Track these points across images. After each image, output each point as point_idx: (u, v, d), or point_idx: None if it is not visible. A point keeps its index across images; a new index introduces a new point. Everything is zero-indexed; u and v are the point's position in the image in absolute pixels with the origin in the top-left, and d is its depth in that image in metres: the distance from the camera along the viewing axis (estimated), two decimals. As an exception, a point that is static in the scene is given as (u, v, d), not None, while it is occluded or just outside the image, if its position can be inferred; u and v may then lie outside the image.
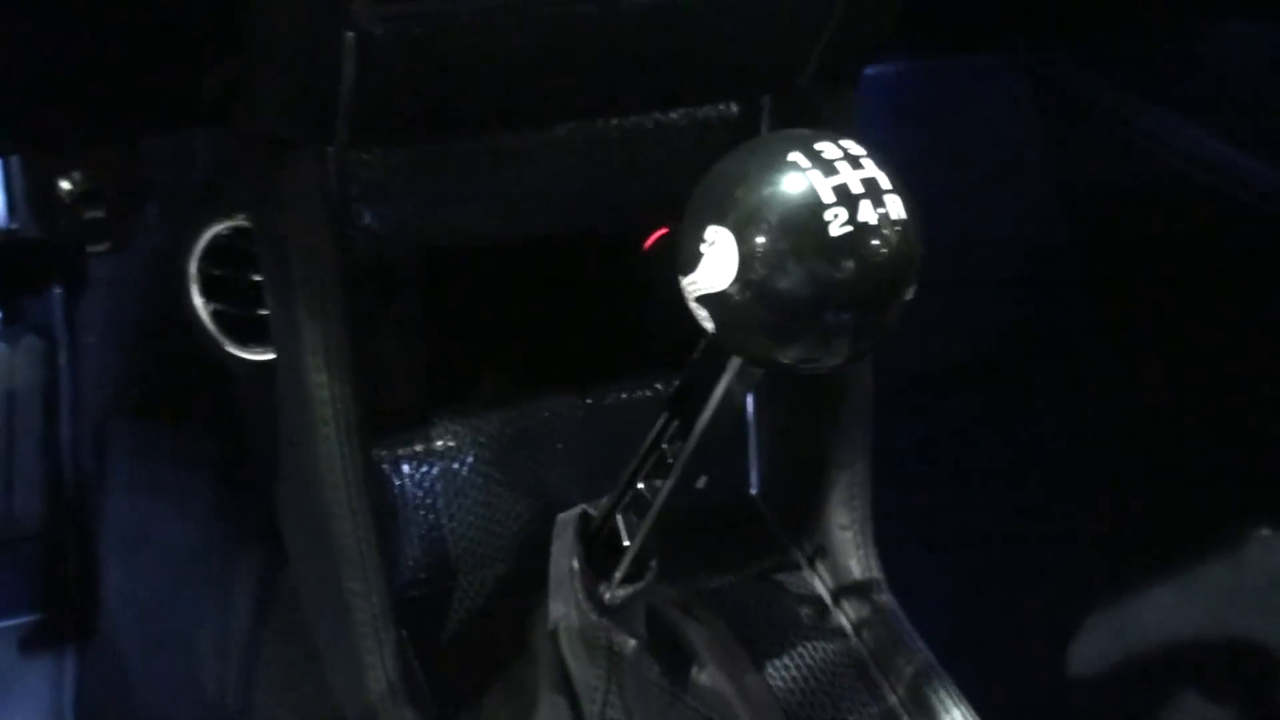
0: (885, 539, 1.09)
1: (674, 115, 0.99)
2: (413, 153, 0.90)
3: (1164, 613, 1.45)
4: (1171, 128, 1.67)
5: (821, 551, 1.09)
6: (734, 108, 1.02)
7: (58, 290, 1.35)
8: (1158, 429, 1.63)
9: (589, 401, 1.08)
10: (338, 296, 0.87)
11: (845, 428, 1.07)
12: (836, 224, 0.58)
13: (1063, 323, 1.77)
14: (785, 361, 0.62)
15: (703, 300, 0.62)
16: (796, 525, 1.11)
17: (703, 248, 0.60)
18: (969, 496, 1.54)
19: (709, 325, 0.62)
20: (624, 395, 1.08)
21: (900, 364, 1.11)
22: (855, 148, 0.61)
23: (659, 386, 1.09)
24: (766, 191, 0.59)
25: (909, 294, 0.62)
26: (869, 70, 1.06)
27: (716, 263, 0.60)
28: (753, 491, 1.15)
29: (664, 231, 1.07)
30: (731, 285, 0.60)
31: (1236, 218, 1.60)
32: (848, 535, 1.07)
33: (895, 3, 0.96)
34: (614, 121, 0.97)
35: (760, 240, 0.59)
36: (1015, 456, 1.63)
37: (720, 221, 0.60)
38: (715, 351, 0.68)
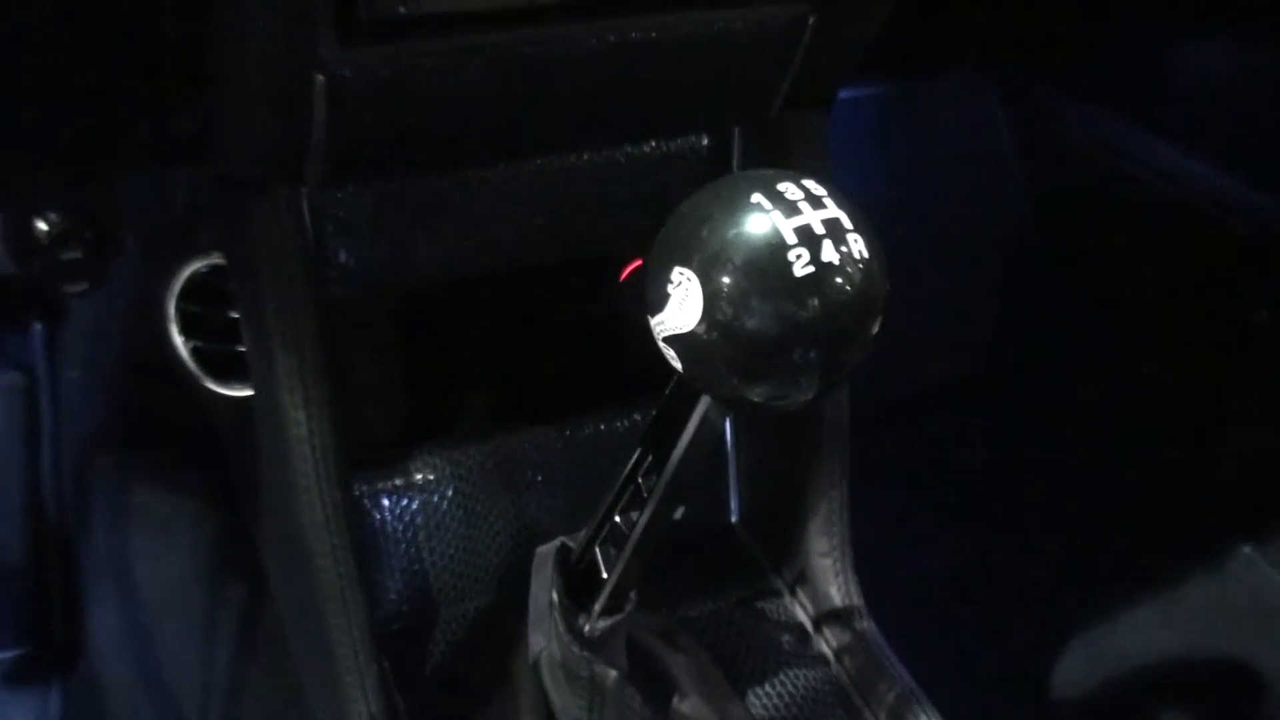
0: (865, 564, 1.09)
1: (645, 148, 1.00)
2: (386, 190, 0.91)
3: (1146, 634, 1.45)
4: (1143, 144, 1.68)
5: (802, 578, 1.10)
6: (705, 140, 1.03)
7: (38, 326, 1.35)
8: (1138, 447, 1.64)
9: (567, 433, 1.08)
10: (313, 334, 0.87)
11: (822, 455, 1.07)
12: (799, 264, 0.58)
13: (1040, 340, 1.78)
14: (754, 400, 0.63)
15: (670, 340, 0.62)
16: (776, 552, 1.12)
17: (669, 289, 0.61)
18: (948, 519, 1.55)
19: (677, 364, 0.63)
20: (602, 426, 1.09)
21: (879, 385, 1.11)
22: (817, 188, 0.61)
23: (636, 417, 1.10)
24: (730, 233, 0.60)
25: (875, 328, 0.63)
26: (843, 94, 1.07)
27: (683, 304, 0.61)
28: (732, 519, 1.16)
29: (639, 263, 1.08)
30: (698, 325, 0.60)
31: (1210, 233, 1.61)
32: (827, 562, 1.08)
33: (863, 33, 0.97)
34: (585, 155, 0.98)
35: (725, 281, 0.59)
36: (994, 478, 1.63)
37: (685, 263, 0.61)
38: (685, 390, 0.69)
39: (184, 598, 1.20)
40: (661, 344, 0.63)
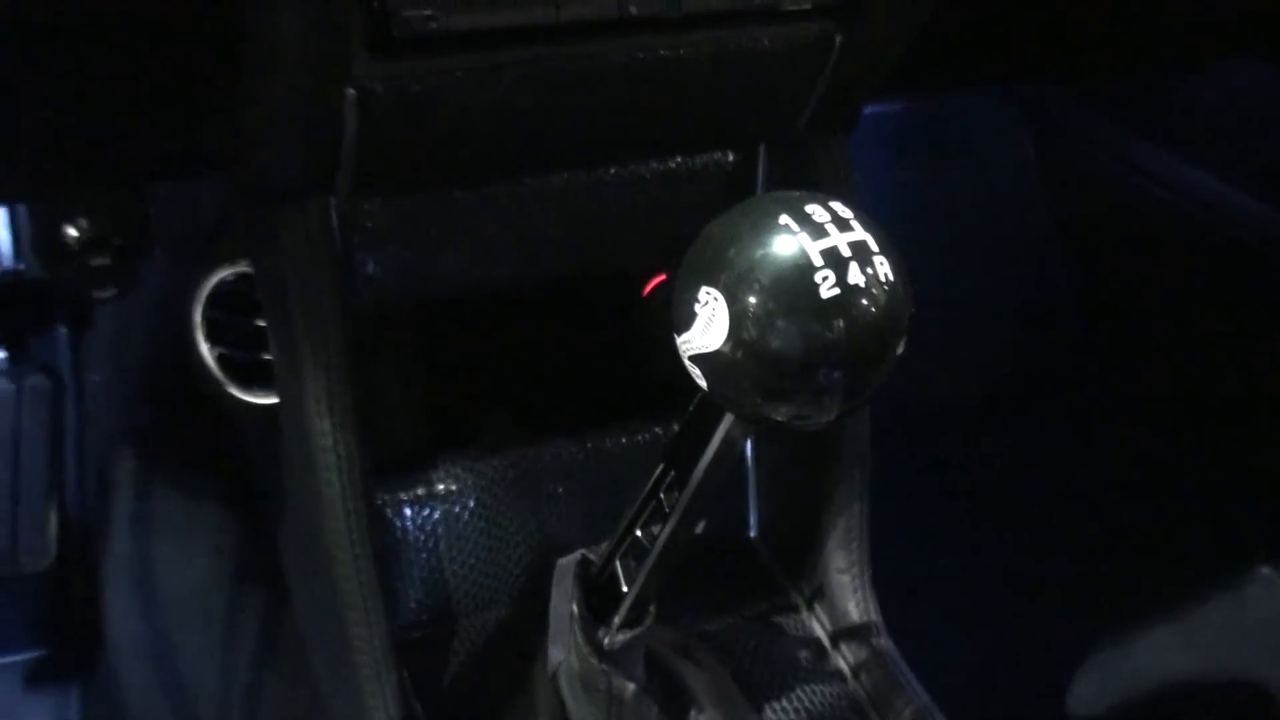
0: (883, 581, 1.09)
1: (671, 164, 1.01)
2: (414, 202, 0.92)
3: (1165, 653, 1.45)
4: (1166, 164, 1.68)
5: (820, 594, 1.10)
6: (730, 156, 1.04)
7: (63, 330, 1.36)
8: (1157, 467, 1.64)
9: (589, 445, 1.08)
10: (340, 344, 0.88)
11: (843, 471, 1.07)
12: (825, 286, 0.59)
13: (1061, 358, 1.78)
14: (777, 419, 0.63)
15: (696, 359, 0.63)
16: (795, 568, 1.12)
17: (696, 308, 0.62)
18: (968, 537, 1.55)
19: (702, 383, 0.64)
20: (624, 439, 1.09)
21: (900, 402, 1.11)
22: (844, 210, 0.62)
23: (658, 430, 1.10)
24: (758, 254, 0.60)
25: (899, 349, 0.63)
26: (866, 109, 1.08)
27: (709, 323, 0.61)
28: (751, 534, 1.16)
29: (663, 277, 1.09)
30: (724, 345, 0.61)
31: (1233, 254, 1.61)
32: (846, 578, 1.08)
33: (889, 54, 0.98)
34: (611, 170, 0.98)
35: (751, 301, 0.60)
36: (1013, 496, 1.63)
37: (712, 283, 0.61)
38: (709, 407, 0.69)
39: (204, 602, 1.21)
40: (687, 362, 0.64)
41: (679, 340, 0.63)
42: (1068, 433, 1.72)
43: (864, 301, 0.60)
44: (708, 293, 0.61)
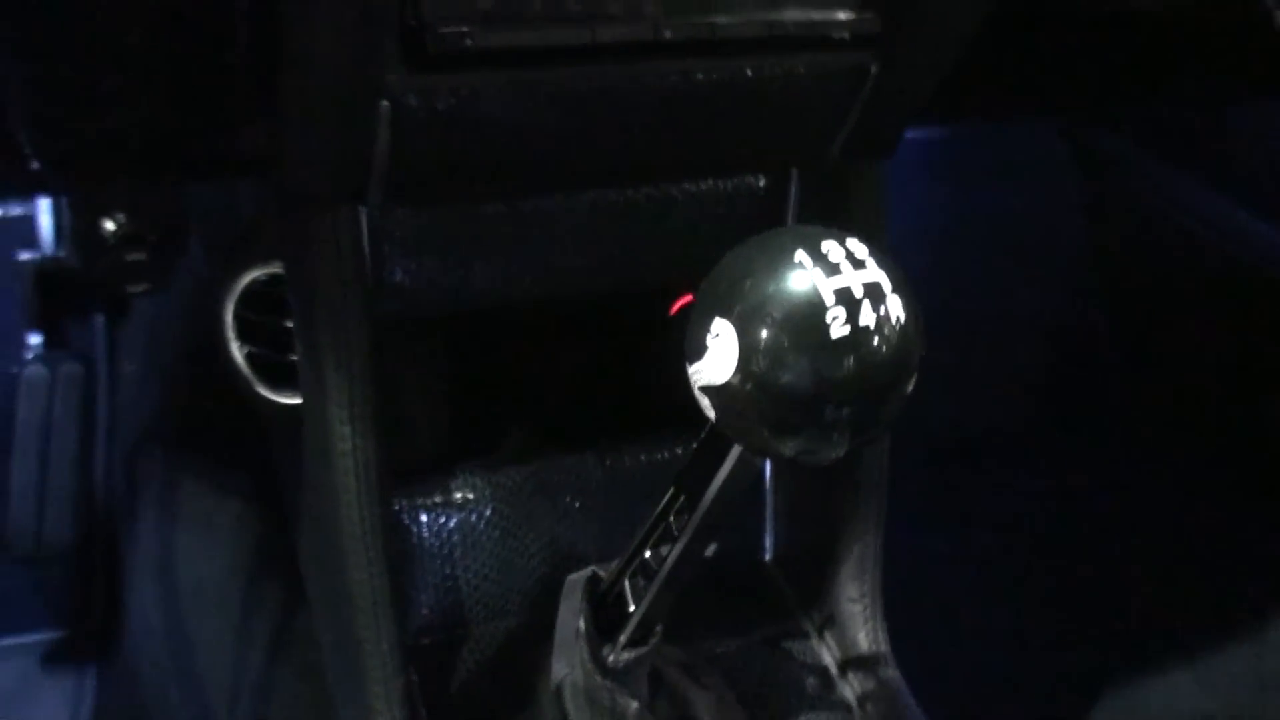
0: (896, 612, 1.09)
1: (702, 185, 1.01)
2: (444, 213, 0.93)
3: (1180, 696, 1.44)
4: (1206, 198, 1.66)
5: (830, 622, 1.10)
6: (762, 180, 1.04)
7: (100, 319, 1.39)
8: (1183, 506, 1.62)
9: (608, 462, 1.09)
10: (364, 351, 0.89)
11: (859, 500, 1.07)
12: (836, 325, 0.59)
13: (1093, 390, 1.77)
14: (785, 453, 0.64)
15: (706, 390, 0.63)
16: (807, 594, 1.12)
17: (708, 339, 0.62)
18: (983, 568, 1.54)
19: (711, 413, 0.64)
20: (642, 457, 1.10)
21: (926, 429, 1.11)
22: (860, 249, 0.62)
23: (678, 450, 1.11)
24: (771, 289, 0.61)
25: (908, 388, 0.63)
26: (909, 132, 1.07)
27: (720, 355, 0.62)
28: (766, 557, 1.16)
29: (689, 298, 1.09)
30: (733, 377, 0.61)
31: (1271, 291, 1.59)
32: (857, 608, 1.08)
33: (925, 85, 0.98)
34: (642, 189, 0.99)
35: (762, 336, 0.60)
36: (1034, 533, 1.62)
37: (725, 315, 0.62)
38: (719, 437, 0.70)
39: (221, 595, 1.22)
40: (697, 392, 0.64)
41: (690, 370, 0.64)
42: (1093, 466, 1.71)
43: (874, 342, 0.60)
44: (720, 324, 0.62)
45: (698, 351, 0.63)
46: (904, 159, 1.07)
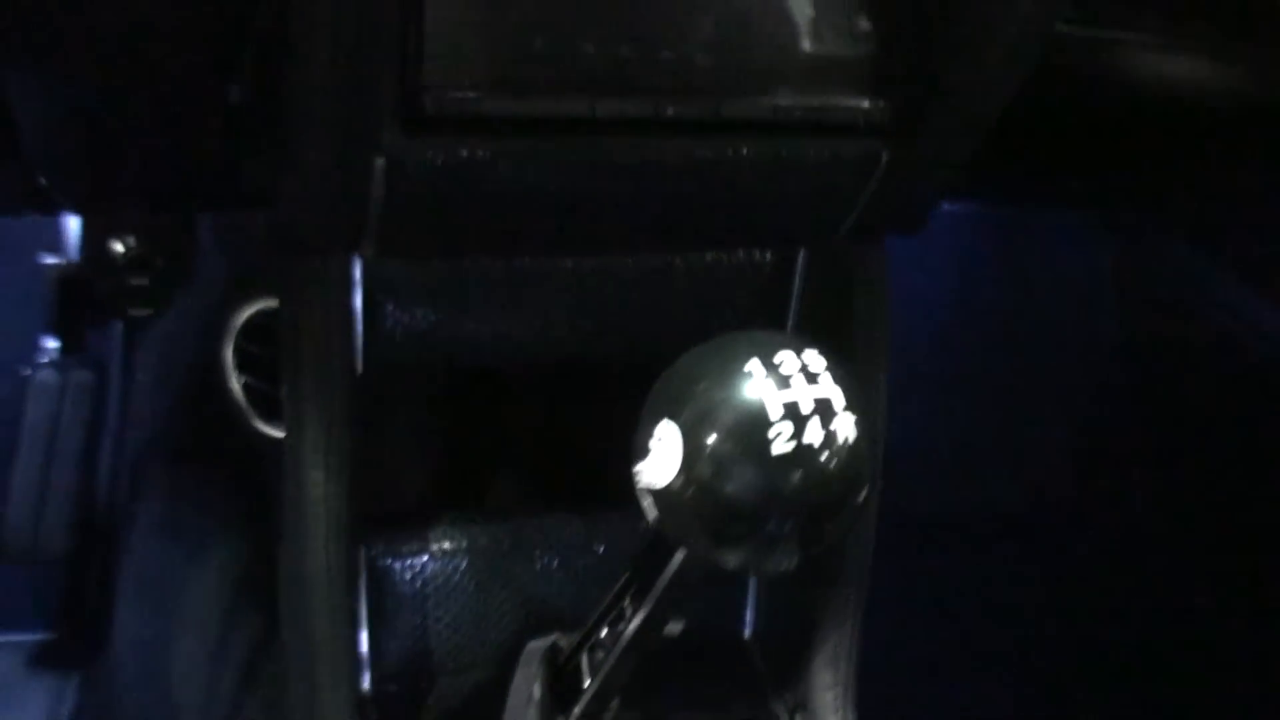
0: (871, 704, 1.07)
1: (707, 258, 1.01)
2: (441, 268, 0.93)
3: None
4: (1244, 297, 1.63)
5: (803, 707, 1.08)
6: (769, 255, 1.03)
7: (120, 327, 1.40)
8: (1197, 617, 1.58)
9: (591, 526, 1.08)
10: (345, 398, 0.89)
11: (839, 586, 1.06)
12: (780, 440, 0.58)
13: (1113, 486, 1.73)
14: (729, 564, 0.63)
15: (648, 492, 0.63)
16: (782, 676, 1.10)
17: (651, 442, 0.61)
18: (968, 659, 1.51)
19: (652, 514, 0.63)
20: (625, 524, 1.09)
21: (931, 508, 1.08)
22: (817, 362, 0.61)
23: None
24: (719, 396, 0.60)
25: (857, 504, 0.62)
26: (946, 207, 1.06)
27: (663, 458, 0.61)
28: (746, 633, 1.14)
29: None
30: (674, 481, 0.61)
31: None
32: (829, 695, 1.06)
33: (938, 175, 0.97)
34: (644, 258, 0.98)
35: (705, 443, 0.60)
36: (1035, 629, 1.58)
37: (672, 417, 0.61)
38: (663, 541, 0.69)
39: (202, 618, 1.23)
40: (639, 492, 0.63)
41: (634, 470, 0.63)
42: (1096, 556, 1.67)
43: (821, 459, 0.59)
44: (665, 427, 0.61)
45: (641, 452, 0.63)
46: (932, 232, 1.06)
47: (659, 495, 0.62)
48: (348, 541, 0.91)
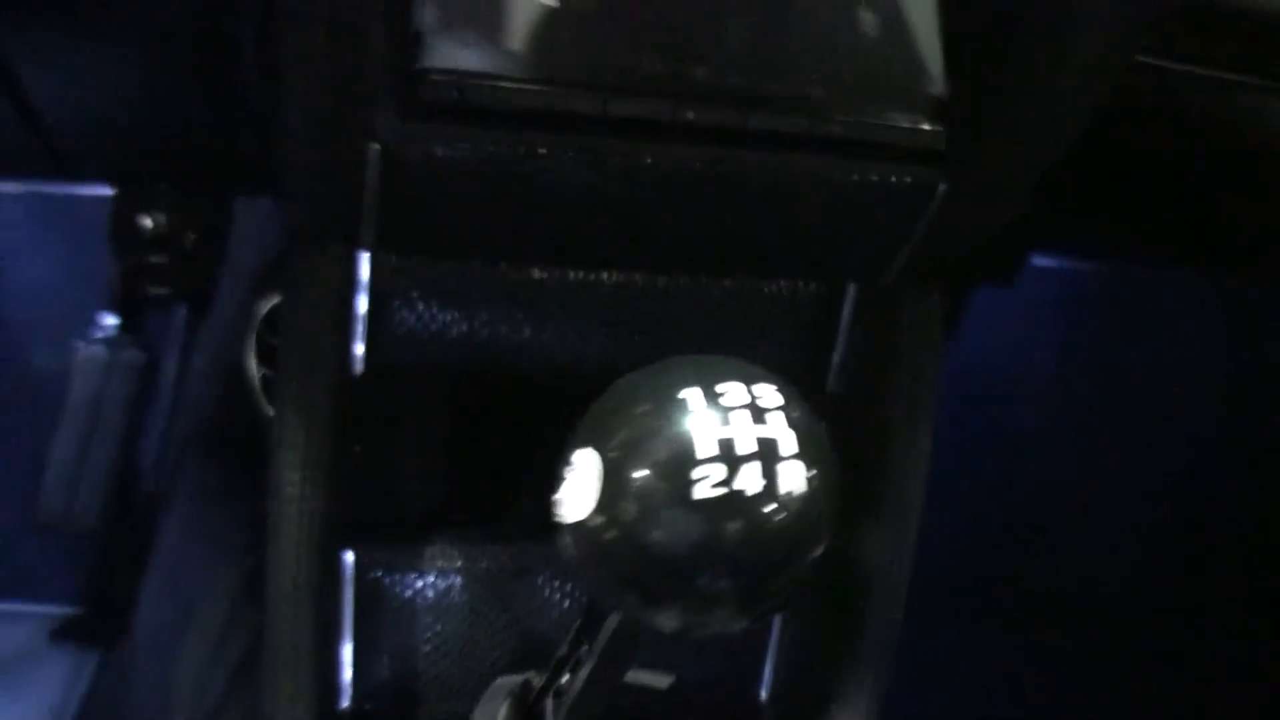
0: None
1: (745, 285, 0.94)
2: (452, 272, 0.88)
3: None
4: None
5: None
6: (814, 287, 0.95)
7: (183, 310, 1.38)
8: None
9: None
10: (330, 399, 0.85)
11: (863, 654, 0.97)
12: (705, 484, 0.51)
13: (1195, 577, 1.58)
14: (664, 626, 0.55)
15: (564, 527, 0.56)
16: None
17: (567, 470, 0.55)
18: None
19: (569, 553, 0.56)
20: None
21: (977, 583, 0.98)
22: (772, 399, 0.53)
23: None
24: (650, 424, 0.53)
25: (806, 564, 0.54)
26: (1041, 262, 0.98)
27: (579, 488, 0.54)
28: (763, 695, 1.06)
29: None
30: (591, 517, 0.54)
31: None
32: None
33: (998, 215, 0.88)
34: (674, 279, 0.91)
35: (629, 478, 0.52)
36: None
37: (594, 445, 0.54)
38: (595, 607, 0.62)
39: (207, 614, 1.20)
40: (556, 524, 0.57)
41: (553, 498, 0.56)
42: (1177, 665, 1.52)
43: (760, 510, 0.51)
44: (583, 455, 0.54)
45: (559, 479, 0.56)
46: (1035, 289, 0.98)
47: (575, 530, 0.55)
48: (323, 546, 0.86)
